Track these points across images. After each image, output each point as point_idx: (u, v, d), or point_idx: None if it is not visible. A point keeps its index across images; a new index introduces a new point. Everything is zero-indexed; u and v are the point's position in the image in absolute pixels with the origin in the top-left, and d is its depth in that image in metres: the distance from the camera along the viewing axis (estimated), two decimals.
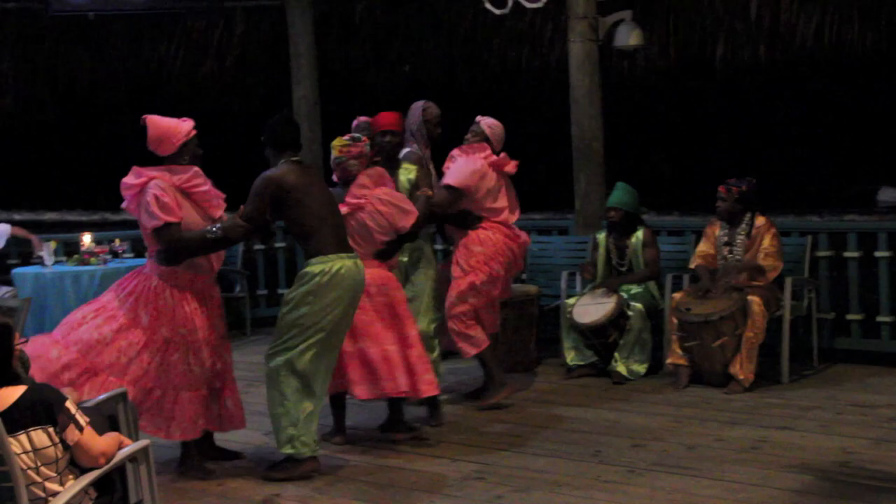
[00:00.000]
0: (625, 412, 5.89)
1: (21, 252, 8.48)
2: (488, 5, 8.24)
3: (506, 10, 8.23)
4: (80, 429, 3.21)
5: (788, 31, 11.70)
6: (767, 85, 12.54)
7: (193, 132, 4.95)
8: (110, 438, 3.33)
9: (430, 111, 6.06)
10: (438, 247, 7.41)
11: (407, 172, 5.86)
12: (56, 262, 8.50)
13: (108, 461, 3.25)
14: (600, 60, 7.94)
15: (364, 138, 5.49)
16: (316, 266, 4.82)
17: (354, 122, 7.01)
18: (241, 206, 4.90)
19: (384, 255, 5.43)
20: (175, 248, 4.74)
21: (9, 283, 7.76)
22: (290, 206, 4.84)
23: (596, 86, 7.88)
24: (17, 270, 7.66)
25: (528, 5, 8.21)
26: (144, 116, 4.93)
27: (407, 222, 5.40)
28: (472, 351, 6.00)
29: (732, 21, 11.97)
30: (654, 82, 12.50)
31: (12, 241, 7.96)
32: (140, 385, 4.77)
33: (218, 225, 4.80)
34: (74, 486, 3.18)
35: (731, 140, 12.97)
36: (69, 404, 3.21)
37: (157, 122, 4.92)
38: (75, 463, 3.27)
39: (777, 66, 12.12)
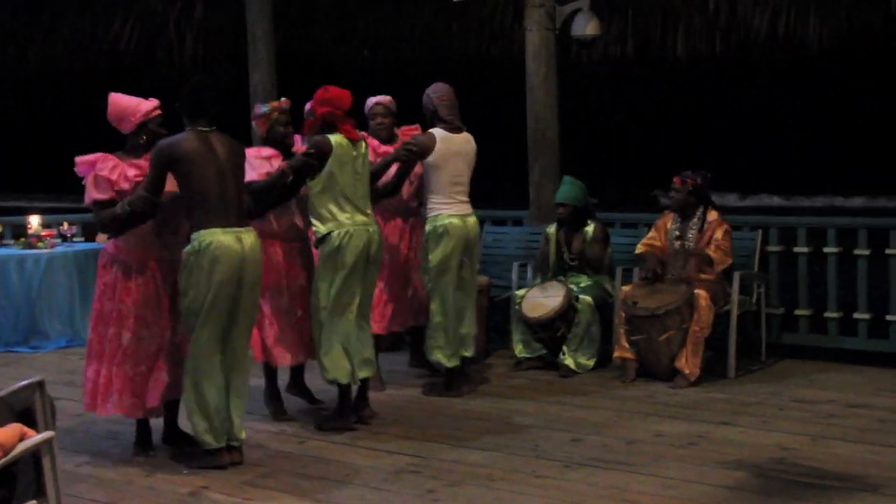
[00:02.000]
0: (568, 406, 5.85)
1: None
2: None
3: None
4: None
5: (745, 24, 11.70)
6: (723, 77, 12.53)
7: (156, 112, 4.93)
8: (10, 430, 3.21)
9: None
10: None
11: None
12: (2, 245, 8.37)
13: (6, 454, 3.15)
14: (557, 50, 7.88)
15: (285, 101, 5.64)
16: (190, 245, 4.70)
17: (307, 107, 6.94)
18: None
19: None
20: (100, 224, 4.90)
21: None
22: (177, 178, 4.74)
23: (552, 75, 7.81)
24: None
25: None
26: (109, 93, 4.95)
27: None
28: None
29: (690, 13, 11.95)
30: (612, 72, 12.45)
31: None
32: (87, 356, 4.93)
33: (127, 199, 4.76)
34: None
35: (687, 131, 12.97)
36: None
37: (117, 100, 4.95)
38: None
39: (733, 58, 12.10)
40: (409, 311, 6.35)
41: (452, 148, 5.93)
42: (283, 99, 5.66)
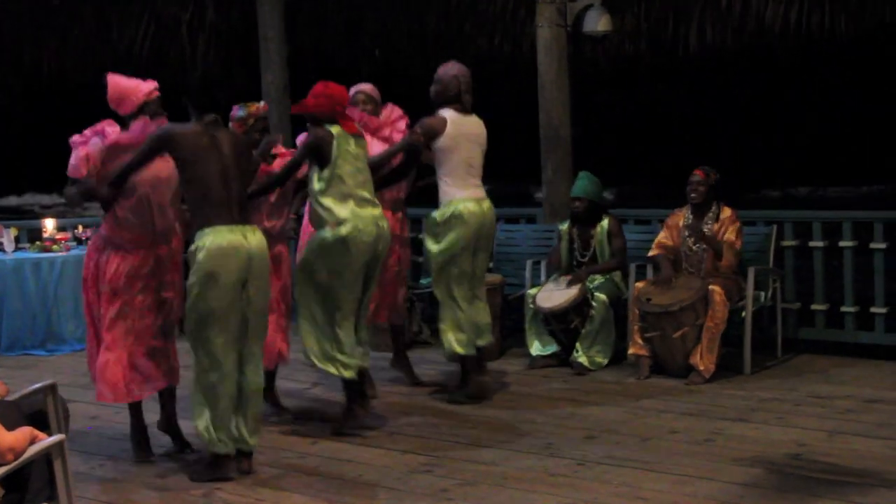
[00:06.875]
0: (582, 404, 5.82)
1: None
2: None
3: None
4: None
5: (758, 18, 11.59)
6: (737, 72, 12.44)
7: (155, 93, 4.93)
8: (20, 433, 3.21)
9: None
10: None
11: None
12: (18, 249, 8.40)
13: (17, 457, 3.15)
14: (569, 46, 7.84)
15: (263, 106, 5.52)
16: (195, 243, 4.62)
17: None
18: None
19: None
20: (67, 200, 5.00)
21: None
22: (178, 167, 4.69)
23: (564, 71, 7.78)
24: None
25: None
26: (107, 74, 4.97)
27: None
28: None
29: (703, 7, 11.85)
30: (624, 69, 12.38)
31: None
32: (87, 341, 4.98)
33: (76, 189, 4.85)
34: None
35: (700, 127, 12.88)
36: None
37: (118, 81, 4.96)
38: None
39: (747, 53, 12.01)
40: (389, 309, 6.20)
41: (465, 130, 5.74)
42: (261, 103, 5.53)
